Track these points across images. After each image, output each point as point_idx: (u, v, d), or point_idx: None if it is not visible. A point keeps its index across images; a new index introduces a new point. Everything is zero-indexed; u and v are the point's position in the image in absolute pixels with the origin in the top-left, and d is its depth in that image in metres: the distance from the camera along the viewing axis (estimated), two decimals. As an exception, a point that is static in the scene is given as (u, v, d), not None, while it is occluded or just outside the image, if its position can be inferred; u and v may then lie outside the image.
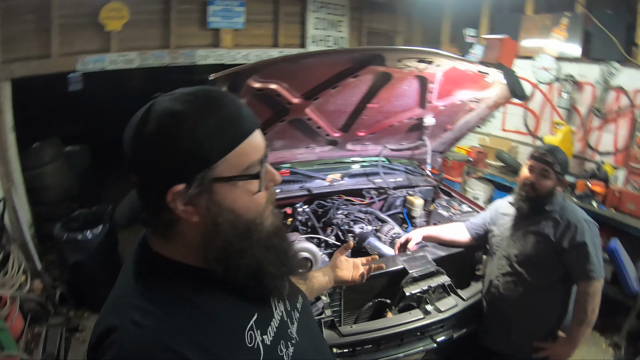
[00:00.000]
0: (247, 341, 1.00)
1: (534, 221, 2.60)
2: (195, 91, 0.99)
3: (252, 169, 0.99)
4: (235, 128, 0.98)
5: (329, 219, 3.34)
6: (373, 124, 3.49)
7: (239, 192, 0.99)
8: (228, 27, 6.02)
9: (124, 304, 0.95)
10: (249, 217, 1.01)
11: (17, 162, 5.35)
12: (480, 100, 3.48)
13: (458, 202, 3.68)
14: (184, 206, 0.95)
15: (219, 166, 0.95)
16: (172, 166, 0.93)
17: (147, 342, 0.88)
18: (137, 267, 1.03)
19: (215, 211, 0.97)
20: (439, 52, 2.83)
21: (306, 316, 1.29)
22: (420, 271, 2.70)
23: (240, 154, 0.97)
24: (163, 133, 0.92)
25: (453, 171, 6.21)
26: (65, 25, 5.25)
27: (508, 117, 6.22)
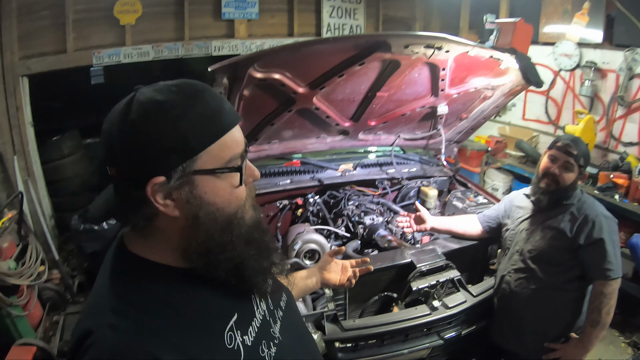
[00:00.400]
0: (226, 342, 0.98)
1: (550, 215, 2.48)
2: (179, 83, 0.97)
3: (233, 162, 0.98)
4: (218, 121, 0.96)
5: (340, 210, 3.32)
6: (384, 112, 3.43)
7: (220, 185, 0.98)
8: (242, 17, 5.99)
9: (100, 307, 0.94)
10: (230, 210, 1.00)
11: (37, 156, 5.50)
12: (495, 87, 3.38)
13: (474, 194, 3.58)
14: (164, 200, 0.93)
15: (200, 158, 0.94)
16: (153, 157, 0.91)
17: (123, 345, 0.86)
18: (113, 269, 1.01)
19: (196, 204, 0.95)
20: (447, 37, 2.73)
21: (291, 315, 1.27)
22: (429, 265, 2.63)
23: (222, 146, 0.96)
24: (146, 123, 0.90)
25: (471, 161, 6.13)
26: (80, 20, 5.34)
27: (529, 106, 6.08)
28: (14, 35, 5.05)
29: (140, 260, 0.99)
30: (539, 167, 2.56)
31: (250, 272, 1.03)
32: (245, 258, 1.02)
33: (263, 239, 1.09)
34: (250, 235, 1.04)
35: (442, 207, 3.64)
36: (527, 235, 2.56)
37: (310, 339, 1.36)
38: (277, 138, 3.36)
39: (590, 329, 2.34)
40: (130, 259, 0.99)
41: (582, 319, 2.45)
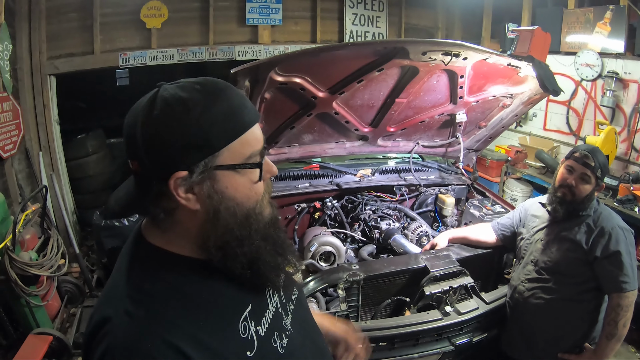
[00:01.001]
0: (240, 332, 1.00)
1: (566, 226, 2.45)
2: (202, 81, 0.99)
3: (253, 159, 1.01)
4: (240, 118, 0.99)
5: (357, 215, 3.34)
6: (403, 119, 3.44)
7: (240, 181, 1.00)
8: (266, 23, 6.11)
9: (117, 295, 0.96)
10: (249, 205, 1.02)
11: (62, 152, 5.64)
12: (514, 95, 3.38)
13: (491, 202, 3.54)
14: (185, 194, 0.95)
15: (222, 154, 0.96)
16: (176, 152, 0.93)
17: (139, 332, 0.88)
18: (131, 258, 1.03)
19: (217, 199, 0.97)
20: (464, 44, 2.75)
21: (301, 309, 1.29)
22: (443, 271, 2.63)
23: (244, 143, 0.99)
24: (170, 118, 0.92)
25: (491, 171, 6.08)
26: (107, 23, 5.52)
27: (550, 116, 6.03)
28: (42, 35, 5.21)
29: (157, 250, 1.01)
30: (555, 177, 2.53)
31: (265, 266, 1.05)
32: (261, 253, 1.04)
33: (279, 235, 1.11)
34: (267, 231, 1.06)
35: (459, 215, 3.63)
36: (542, 246, 2.53)
37: (319, 334, 1.35)
38: (297, 142, 3.40)
39: (605, 341, 2.30)
40: (148, 249, 1.02)
41: (597, 330, 2.41)
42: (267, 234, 1.06)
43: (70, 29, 5.44)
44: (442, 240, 2.99)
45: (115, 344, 0.88)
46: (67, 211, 5.39)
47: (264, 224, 1.06)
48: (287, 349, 1.10)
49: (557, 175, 2.51)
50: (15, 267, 3.30)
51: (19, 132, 4.61)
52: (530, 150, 5.87)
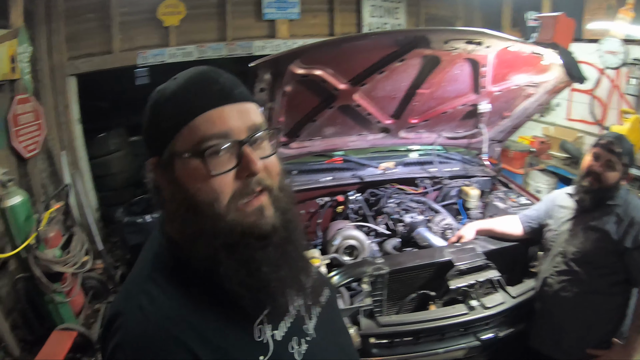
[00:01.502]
0: (255, 335, 0.97)
1: (595, 216, 2.38)
2: (186, 70, 0.99)
3: (202, 146, 0.91)
4: (193, 101, 0.93)
5: (380, 208, 3.31)
6: (426, 110, 3.39)
7: (191, 171, 0.92)
8: (283, 17, 6.10)
9: (134, 289, 0.96)
10: (201, 200, 0.92)
11: (84, 151, 5.76)
12: (538, 84, 3.30)
13: (516, 194, 3.49)
14: (159, 179, 0.98)
15: (176, 140, 0.93)
16: (148, 139, 0.99)
17: (149, 329, 0.88)
18: (150, 251, 1.02)
19: (172, 188, 0.96)
20: (486, 31, 2.69)
21: (330, 312, 1.22)
22: (468, 264, 2.59)
23: (192, 128, 0.92)
24: (147, 108, 0.99)
25: (514, 162, 5.97)
26: (125, 22, 5.59)
27: (573, 106, 5.87)
28: (61, 37, 5.32)
29: (172, 242, 0.99)
30: (582, 165, 2.47)
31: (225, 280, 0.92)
32: (219, 262, 0.92)
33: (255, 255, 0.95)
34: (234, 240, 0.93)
35: (484, 207, 3.56)
36: (570, 237, 2.47)
37: (348, 340, 1.29)
38: (319, 135, 3.37)
39: (635, 335, 2.25)
40: (167, 244, 1.00)
41: (627, 325, 2.36)
42: (233, 243, 0.92)
43: (89, 29, 5.53)
44: (468, 232, 2.94)
45: (126, 339, 0.88)
46: (90, 208, 5.46)
47: (228, 228, 0.92)
48: (305, 356, 1.04)
49: (584, 163, 2.45)
50: (39, 265, 3.40)
51: (40, 132, 4.69)
52: (554, 141, 5.76)
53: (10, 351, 3.52)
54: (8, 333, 3.53)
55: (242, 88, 1.00)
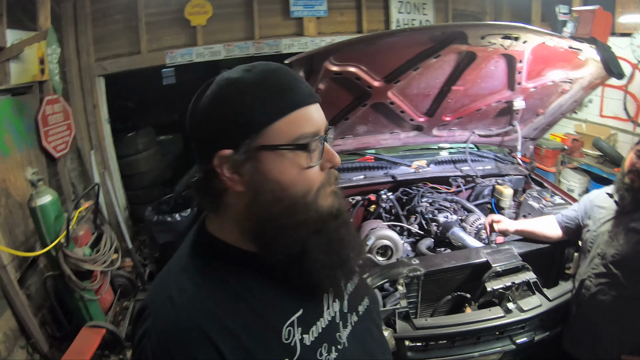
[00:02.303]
0: (283, 336, 0.95)
1: (636, 217, 2.28)
2: (254, 64, 0.99)
3: (303, 141, 0.94)
4: (287, 97, 0.95)
5: (413, 207, 3.26)
6: (459, 108, 3.35)
7: (286, 164, 0.94)
8: (311, 15, 6.07)
9: (166, 280, 0.97)
10: (296, 192, 0.95)
11: (113, 151, 5.85)
12: (574, 80, 3.22)
13: (550, 194, 3.40)
14: (231, 174, 0.94)
15: (266, 133, 0.93)
16: (221, 130, 0.94)
17: (177, 320, 0.88)
18: (188, 245, 1.03)
19: (260, 181, 0.94)
20: (525, 26, 2.63)
21: (368, 322, 1.19)
22: (505, 265, 2.52)
23: (290, 123, 0.94)
24: (216, 98, 0.94)
25: (547, 160, 5.89)
26: (153, 22, 5.64)
27: (606, 102, 5.72)
28: (89, 38, 5.40)
29: (214, 239, 1.00)
30: (624, 163, 2.38)
31: (313, 264, 0.96)
32: (310, 248, 0.96)
33: (340, 232, 1.01)
34: (323, 225, 0.98)
35: (517, 207, 3.50)
36: (610, 238, 2.36)
37: (385, 352, 1.24)
38: (351, 133, 3.36)
39: None
40: (205, 238, 1.01)
41: None
42: (322, 228, 0.98)
43: (117, 30, 5.60)
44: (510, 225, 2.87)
45: (153, 328, 0.89)
46: (119, 207, 5.55)
47: (318, 215, 0.97)
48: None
49: (626, 161, 2.35)
50: (69, 263, 3.45)
51: (70, 132, 4.78)
52: (586, 138, 5.65)
53: (39, 347, 3.59)
54: (37, 329, 3.59)
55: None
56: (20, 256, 3.58)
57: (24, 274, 3.68)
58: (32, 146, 4.15)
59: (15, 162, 3.83)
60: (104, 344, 3.60)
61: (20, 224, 3.75)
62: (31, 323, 3.52)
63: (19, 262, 3.65)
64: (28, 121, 4.11)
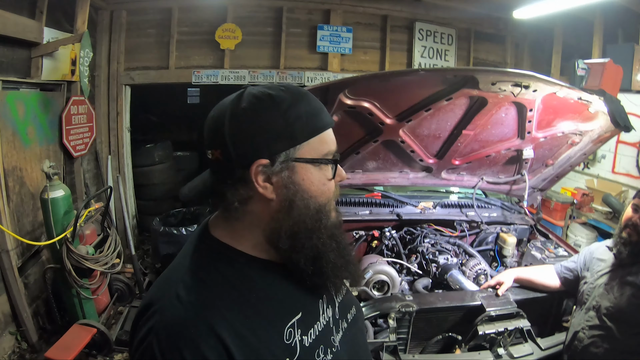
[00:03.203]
0: (285, 337, 1.01)
1: (632, 271, 2.28)
2: (285, 84, 1.08)
3: (330, 156, 1.07)
4: (320, 118, 1.07)
5: (415, 247, 3.28)
6: (469, 152, 3.38)
7: (316, 175, 1.06)
8: (336, 51, 6.27)
9: (172, 279, 1.02)
10: (321, 201, 1.07)
11: (129, 158, 5.99)
12: (584, 132, 3.25)
13: (554, 245, 3.40)
14: (264, 182, 1.01)
15: (303, 147, 1.03)
16: (261, 141, 1.00)
17: (185, 316, 0.92)
18: (193, 247, 1.09)
19: (293, 189, 1.03)
20: (535, 75, 2.66)
21: (355, 329, 1.28)
22: (499, 311, 2.53)
23: (322, 141, 1.06)
24: (258, 109, 1.00)
25: (555, 214, 5.85)
26: (183, 41, 5.87)
27: (619, 158, 5.70)
28: (121, 47, 5.63)
29: (219, 243, 1.06)
30: (621, 217, 2.40)
31: (329, 265, 1.08)
32: (327, 249, 1.07)
33: (343, 239, 1.14)
34: (333, 231, 1.10)
35: (520, 256, 3.50)
36: (606, 291, 2.36)
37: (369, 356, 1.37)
38: (361, 168, 3.40)
39: None
40: (211, 241, 1.07)
41: None
42: (333, 233, 1.10)
43: (148, 43, 5.82)
44: (507, 278, 2.84)
45: (161, 325, 0.92)
46: (128, 214, 5.63)
47: (331, 223, 1.10)
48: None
49: (624, 215, 2.37)
50: (71, 258, 3.51)
51: (91, 134, 4.92)
52: (597, 194, 5.62)
53: (28, 336, 3.67)
54: (29, 319, 3.67)
55: None
56: (23, 245, 3.70)
57: (25, 263, 3.79)
58: (52, 142, 4.31)
59: (34, 154, 3.98)
60: (92, 344, 3.64)
61: (29, 214, 3.89)
62: (24, 311, 3.62)
63: (22, 250, 3.77)
64: (52, 117, 4.28)
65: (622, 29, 5.77)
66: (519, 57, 7.23)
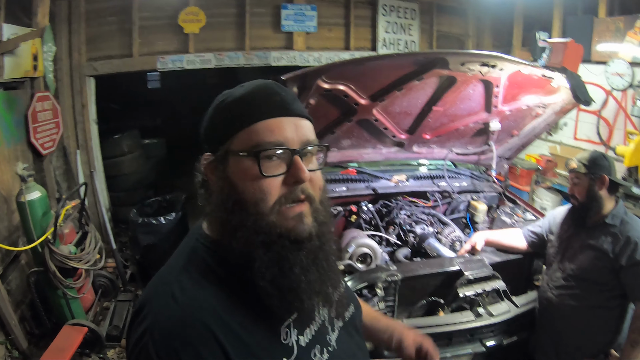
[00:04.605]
0: (282, 337, 1.01)
1: (593, 235, 2.47)
2: (253, 81, 1.09)
3: (256, 149, 0.98)
4: (256, 109, 1.01)
5: (392, 219, 3.39)
6: (439, 127, 3.51)
7: (243, 170, 0.99)
8: (300, 30, 6.21)
9: (167, 279, 1.00)
10: (248, 198, 0.98)
11: (99, 151, 5.82)
12: (547, 105, 3.42)
13: (522, 210, 3.62)
14: (210, 174, 1.05)
15: (234, 140, 1.01)
16: (207, 136, 1.07)
17: (181, 316, 0.91)
18: (188, 245, 1.08)
19: (227, 183, 1.01)
20: (502, 55, 2.84)
21: (352, 329, 1.25)
22: (476, 274, 2.70)
23: (252, 132, 0.99)
24: (211, 108, 1.08)
25: (521, 179, 6.06)
26: (146, 27, 5.69)
27: (580, 126, 5.94)
28: (82, 38, 5.41)
29: (211, 241, 1.05)
30: None
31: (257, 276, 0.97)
32: (256, 260, 0.97)
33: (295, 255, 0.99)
34: (273, 239, 0.98)
35: (491, 222, 3.67)
36: (570, 253, 2.57)
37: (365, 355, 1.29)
38: (336, 146, 3.48)
39: (630, 349, 2.29)
40: (204, 239, 1.06)
41: (623, 337, 2.41)
42: (270, 242, 0.98)
43: (110, 31, 5.63)
44: (479, 240, 3.04)
45: (156, 324, 0.91)
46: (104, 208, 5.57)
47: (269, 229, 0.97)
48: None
49: None
50: (54, 260, 3.46)
51: (58, 130, 4.77)
52: (560, 160, 5.86)
53: (18, 343, 3.58)
54: (17, 326, 3.57)
55: (300, 105, 1.08)
56: (2, 251, 3.58)
57: (5, 269, 3.67)
58: (19, 141, 4.14)
59: (2, 156, 3.83)
60: (84, 343, 3.62)
61: (4, 218, 3.74)
62: (11, 319, 3.51)
63: (1, 257, 3.64)
64: (17, 116, 4.11)
65: (582, 1, 5.94)
66: (481, 29, 7.32)
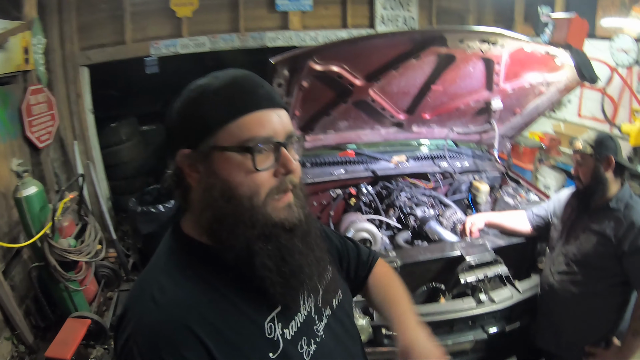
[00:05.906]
0: (266, 332, 1.00)
1: (596, 219, 2.38)
2: (225, 71, 1.04)
3: (248, 143, 0.97)
4: (240, 101, 0.98)
5: (392, 201, 3.34)
6: (438, 106, 3.43)
7: (234, 165, 0.97)
8: (296, 9, 6.07)
9: (148, 280, 0.99)
10: (242, 193, 0.97)
11: (96, 141, 5.81)
12: (550, 83, 3.31)
13: (525, 191, 3.52)
14: (190, 171, 1.00)
15: (219, 135, 0.97)
16: (182, 131, 1.01)
17: (161, 319, 0.91)
18: (165, 247, 1.06)
19: (212, 179, 0.98)
20: (502, 32, 2.73)
21: (341, 315, 1.23)
22: (478, 259, 2.63)
23: (240, 126, 0.97)
24: (183, 101, 1.02)
25: (524, 158, 5.97)
26: (138, 12, 5.60)
27: (585, 103, 5.83)
28: (73, 27, 5.33)
29: (188, 238, 1.04)
30: None
31: (260, 269, 0.98)
32: (257, 252, 0.98)
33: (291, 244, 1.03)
34: (271, 230, 0.99)
35: (493, 202, 3.60)
36: (573, 237, 2.49)
37: (356, 342, 1.28)
38: (333, 128, 3.41)
39: (631, 337, 2.24)
40: (181, 239, 1.05)
41: (625, 324, 2.35)
42: (270, 234, 0.99)
43: (101, 19, 5.54)
44: (479, 220, 2.96)
45: (138, 330, 0.91)
46: (103, 198, 5.53)
47: (265, 221, 0.98)
48: (313, 356, 1.08)
49: None
50: (54, 254, 3.45)
51: (53, 122, 4.76)
52: (564, 137, 5.76)
53: (24, 338, 3.60)
54: (22, 320, 3.60)
55: (279, 95, 1.08)
56: (3, 247, 3.60)
57: (8, 265, 3.69)
58: (15, 136, 4.13)
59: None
60: (88, 334, 3.61)
61: (3, 214, 3.76)
62: (16, 314, 3.54)
63: (3, 253, 3.66)
64: (12, 111, 4.09)
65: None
66: (482, 4, 7.08)
